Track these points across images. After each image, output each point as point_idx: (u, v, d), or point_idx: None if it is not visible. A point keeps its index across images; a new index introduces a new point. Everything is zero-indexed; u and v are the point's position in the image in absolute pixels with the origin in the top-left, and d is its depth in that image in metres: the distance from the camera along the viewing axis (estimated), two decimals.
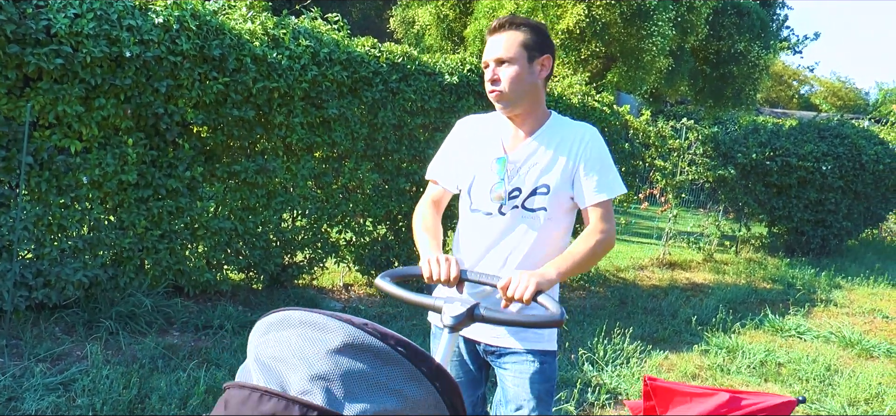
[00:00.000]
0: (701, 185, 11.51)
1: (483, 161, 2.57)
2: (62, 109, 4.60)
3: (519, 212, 2.51)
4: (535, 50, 2.47)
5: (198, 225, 5.56)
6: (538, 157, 2.52)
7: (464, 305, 2.10)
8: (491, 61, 2.47)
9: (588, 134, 2.55)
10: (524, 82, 2.47)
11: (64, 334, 4.82)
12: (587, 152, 2.50)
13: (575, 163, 2.50)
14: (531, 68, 2.48)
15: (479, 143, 2.62)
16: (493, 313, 2.11)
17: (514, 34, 2.45)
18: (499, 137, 2.59)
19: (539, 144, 2.53)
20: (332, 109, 5.97)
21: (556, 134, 2.55)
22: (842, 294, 9.32)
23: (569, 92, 8.28)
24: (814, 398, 5.37)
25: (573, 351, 5.74)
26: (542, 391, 2.50)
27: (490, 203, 2.53)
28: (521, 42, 2.45)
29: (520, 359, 2.52)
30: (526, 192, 2.51)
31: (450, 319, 2.08)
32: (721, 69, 18.56)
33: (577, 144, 2.52)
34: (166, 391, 4.09)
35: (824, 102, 40.23)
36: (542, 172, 2.50)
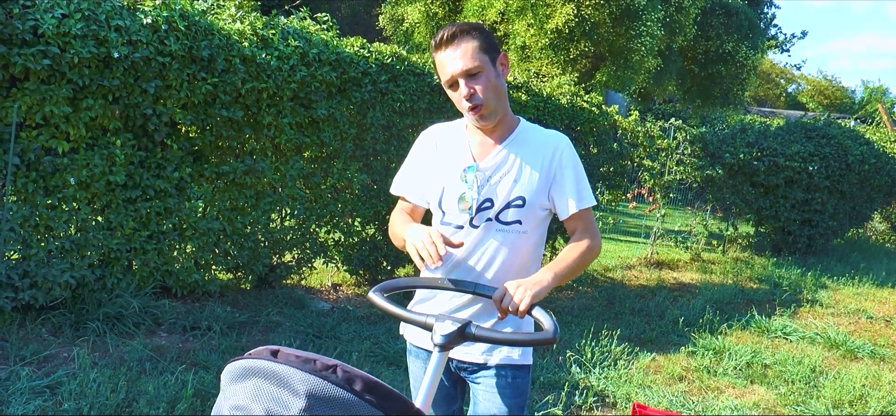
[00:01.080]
0: (689, 184, 11.54)
1: (452, 171, 2.46)
2: (49, 109, 4.58)
3: (492, 225, 2.42)
4: (492, 50, 2.37)
5: (186, 226, 5.55)
6: (510, 166, 2.43)
7: (454, 324, 2.06)
8: (459, 77, 2.32)
9: (563, 143, 2.47)
10: (498, 88, 2.36)
11: (51, 336, 4.80)
12: (564, 162, 2.43)
13: (551, 173, 2.43)
14: (497, 71, 2.37)
15: (447, 152, 2.50)
16: (484, 331, 2.07)
17: (470, 42, 2.31)
18: (467, 145, 2.48)
19: (510, 153, 2.44)
20: (321, 110, 5.97)
21: (526, 142, 2.46)
22: (827, 294, 9.38)
23: (558, 92, 8.30)
24: (799, 400, 5.41)
25: (561, 353, 5.76)
26: (513, 406, 2.46)
27: (460, 215, 2.43)
28: (479, 47, 2.32)
29: (491, 374, 2.46)
30: (499, 205, 2.41)
31: (440, 337, 2.03)
32: (709, 69, 18.62)
33: (553, 153, 2.43)
34: (154, 395, 4.08)
35: (811, 100, 40.46)
36: (514, 183, 2.41)
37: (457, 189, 2.44)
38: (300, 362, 1.30)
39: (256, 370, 1.32)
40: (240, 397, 1.32)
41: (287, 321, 5.81)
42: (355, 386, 1.29)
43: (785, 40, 29.25)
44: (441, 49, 2.33)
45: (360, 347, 5.38)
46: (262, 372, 1.31)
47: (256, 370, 1.32)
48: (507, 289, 2.17)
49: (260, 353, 1.34)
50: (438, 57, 2.35)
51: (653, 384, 5.47)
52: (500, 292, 2.18)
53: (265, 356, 1.33)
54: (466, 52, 2.30)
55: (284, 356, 1.32)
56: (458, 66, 2.30)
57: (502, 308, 2.17)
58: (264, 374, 1.31)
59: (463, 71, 2.30)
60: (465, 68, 2.30)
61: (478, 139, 2.47)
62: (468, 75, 2.31)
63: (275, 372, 1.30)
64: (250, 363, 1.34)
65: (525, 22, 13.79)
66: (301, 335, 5.52)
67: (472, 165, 2.44)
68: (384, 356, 5.28)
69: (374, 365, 5.09)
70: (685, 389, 5.49)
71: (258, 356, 1.34)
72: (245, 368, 1.34)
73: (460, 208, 2.43)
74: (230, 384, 1.36)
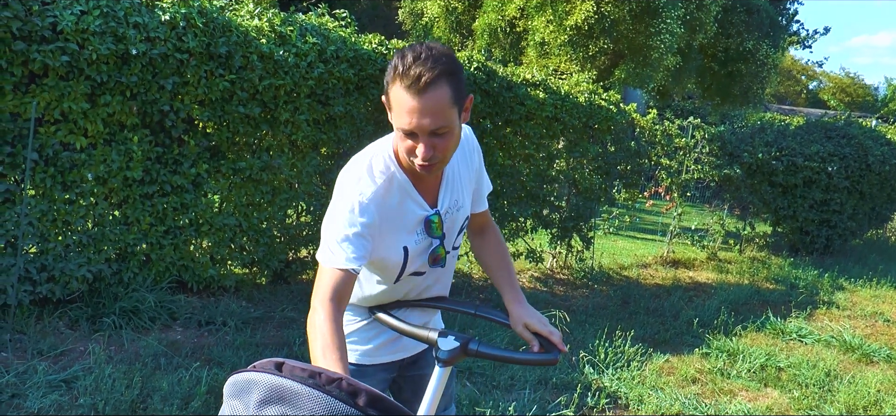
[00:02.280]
0: (707, 183, 11.49)
1: (411, 231, 2.18)
2: (68, 105, 4.63)
3: (451, 255, 2.33)
4: (461, 99, 2.00)
5: (202, 221, 5.59)
6: (453, 191, 2.25)
7: (458, 339, 2.09)
8: (421, 135, 1.94)
9: (472, 141, 2.32)
10: (457, 143, 2.06)
11: (67, 329, 4.86)
12: (478, 161, 2.35)
13: (476, 176, 2.36)
14: (460, 123, 2.03)
15: (395, 213, 2.13)
16: (488, 348, 2.08)
17: (443, 91, 1.90)
18: (410, 193, 2.15)
19: (449, 180, 2.23)
20: (339, 107, 5.99)
21: (454, 157, 2.24)
22: (844, 296, 9.32)
23: (576, 90, 8.28)
24: (812, 405, 5.38)
25: (574, 354, 5.76)
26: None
27: (428, 266, 2.26)
28: (449, 100, 1.92)
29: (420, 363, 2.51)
30: (452, 236, 2.31)
31: (444, 353, 2.06)
32: (729, 67, 18.49)
33: (471, 156, 2.32)
34: (168, 391, 4.13)
35: (833, 97, 40.12)
36: (463, 208, 2.29)
37: (423, 245, 2.22)
38: (305, 376, 1.32)
39: (260, 385, 1.34)
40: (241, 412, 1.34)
41: (302, 317, 5.84)
42: (359, 400, 1.30)
43: (807, 37, 28.97)
44: (409, 91, 1.89)
45: None
46: (266, 387, 1.33)
47: (260, 384, 1.34)
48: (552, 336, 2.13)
49: (264, 366, 1.35)
50: (402, 95, 1.90)
51: (665, 385, 5.46)
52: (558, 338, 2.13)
53: (269, 370, 1.34)
54: (437, 105, 1.90)
55: (289, 370, 1.33)
56: (426, 123, 1.91)
57: (560, 341, 2.13)
58: (268, 389, 1.32)
59: (429, 130, 1.93)
60: (433, 128, 1.93)
61: (415, 179, 2.15)
62: (433, 135, 1.95)
63: (279, 388, 1.31)
64: (254, 376, 1.35)
65: (544, 18, 13.74)
66: None
67: (434, 213, 2.20)
68: None
69: None
70: (698, 391, 5.48)
71: (263, 369, 1.35)
72: (248, 381, 1.36)
73: (430, 262, 2.25)
74: (232, 399, 1.37)
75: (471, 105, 2.08)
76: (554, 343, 2.12)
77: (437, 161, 2.00)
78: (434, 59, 1.89)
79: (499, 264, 2.39)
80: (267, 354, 4.98)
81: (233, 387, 1.38)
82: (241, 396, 1.36)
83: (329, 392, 1.29)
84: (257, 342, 5.21)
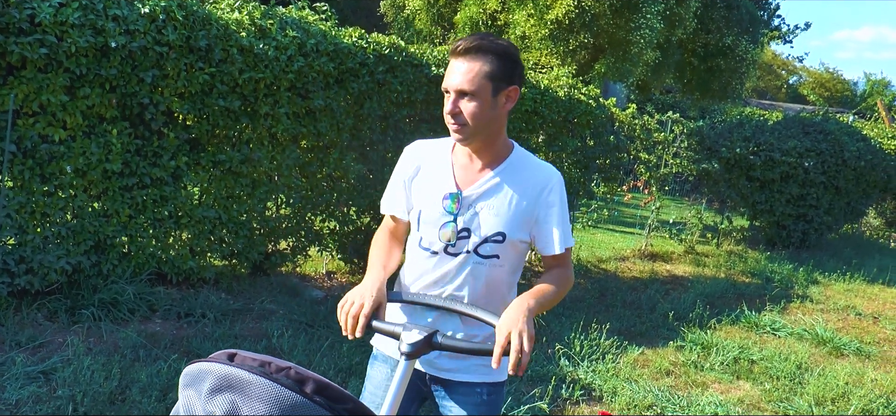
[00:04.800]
0: (685, 177, 11.61)
1: (433, 195, 2.39)
2: (46, 98, 4.63)
3: (470, 257, 2.36)
4: (502, 80, 2.24)
5: (182, 213, 5.61)
6: (494, 198, 2.35)
7: (422, 332, 2.10)
8: (452, 91, 2.24)
9: (553, 180, 2.39)
10: (486, 117, 2.26)
11: (46, 321, 4.88)
12: (551, 200, 2.37)
13: (537, 210, 2.37)
14: (495, 102, 2.26)
15: (430, 173, 2.43)
16: (451, 340, 2.12)
17: (481, 64, 2.21)
18: (451, 168, 2.39)
19: (495, 182, 2.36)
20: (319, 100, 6.02)
21: (516, 174, 2.38)
22: (818, 290, 9.46)
23: (555, 85, 8.34)
24: (783, 397, 5.49)
25: (550, 346, 5.83)
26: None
27: (438, 241, 2.37)
28: (486, 73, 2.21)
29: (468, 390, 2.42)
30: (478, 238, 2.35)
31: (407, 346, 2.06)
32: (708, 62, 18.61)
33: (542, 191, 2.37)
34: (147, 383, 4.16)
35: (812, 92, 40.42)
36: (497, 217, 2.34)
37: (437, 217, 2.38)
38: (255, 365, 1.37)
39: (212, 374, 1.39)
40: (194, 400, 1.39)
41: (281, 309, 5.88)
42: (306, 388, 1.35)
43: (788, 31, 29.20)
44: (452, 56, 2.27)
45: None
46: (217, 376, 1.38)
47: (212, 373, 1.39)
48: (508, 336, 2.07)
49: (217, 357, 1.41)
50: (450, 60, 2.28)
51: (640, 377, 5.55)
52: (503, 341, 2.07)
53: (222, 360, 1.40)
54: (471, 71, 2.21)
55: (240, 360, 1.38)
56: (455, 81, 2.23)
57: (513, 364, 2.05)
58: (219, 378, 1.37)
59: (457, 88, 2.23)
60: (460, 87, 2.22)
61: (463, 163, 2.40)
62: (460, 94, 2.24)
63: (229, 376, 1.37)
64: (206, 365, 1.40)
65: (525, 12, 13.80)
66: (294, 324, 5.59)
67: (455, 192, 2.36)
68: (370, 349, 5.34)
69: (365, 356, 5.15)
70: (671, 384, 5.57)
71: (215, 359, 1.41)
72: (200, 370, 1.41)
73: (440, 237, 2.38)
74: (186, 389, 1.43)
75: (516, 96, 2.33)
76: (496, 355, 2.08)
77: (462, 124, 2.26)
78: (480, 37, 2.25)
79: (540, 284, 2.37)
80: (246, 346, 5.02)
81: (187, 377, 1.43)
82: (194, 385, 1.41)
83: (277, 380, 1.34)
84: (236, 334, 5.25)
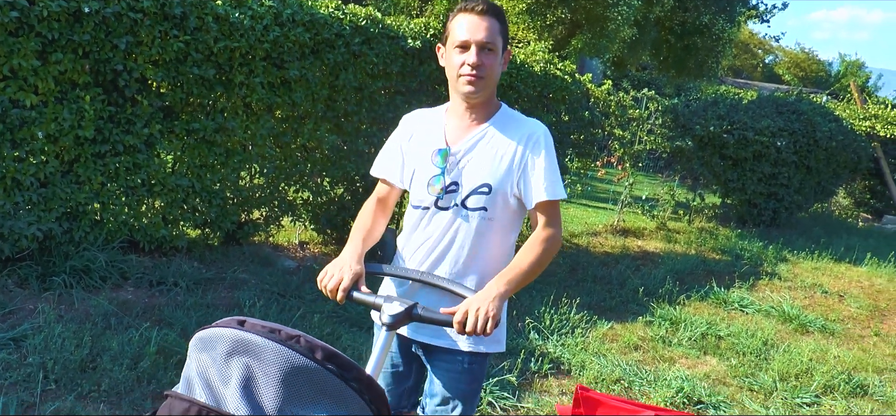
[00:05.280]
0: (659, 154, 11.69)
1: (425, 153, 2.55)
2: (17, 62, 4.59)
3: (458, 210, 2.48)
4: (505, 41, 2.51)
5: (155, 181, 5.59)
6: (481, 151, 2.49)
7: (402, 304, 2.19)
8: (474, 44, 2.42)
9: (539, 131, 2.51)
10: (497, 72, 2.49)
11: (17, 288, 4.86)
12: (537, 150, 2.47)
13: (523, 160, 2.47)
14: (501, 60, 2.50)
15: (423, 136, 2.59)
16: (430, 313, 2.22)
17: (497, 22, 2.45)
18: (442, 128, 2.56)
19: (483, 137, 2.50)
20: (294, 71, 6.00)
21: (503, 128, 2.51)
22: (787, 268, 9.60)
23: (531, 59, 8.36)
24: (748, 372, 5.59)
25: (520, 320, 5.90)
26: (468, 392, 2.56)
27: (427, 197, 2.51)
28: (500, 30, 2.46)
29: (450, 358, 2.55)
30: (465, 190, 2.47)
31: (388, 317, 2.16)
32: (685, 40, 18.70)
33: (527, 141, 2.48)
34: (118, 351, 4.17)
35: (787, 72, 40.72)
36: (482, 169, 2.46)
37: (428, 172, 2.53)
38: (266, 331, 1.42)
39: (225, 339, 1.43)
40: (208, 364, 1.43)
41: (253, 279, 5.90)
42: (317, 355, 1.41)
43: (765, 11, 29.34)
44: (469, 12, 2.43)
45: (324, 307, 5.48)
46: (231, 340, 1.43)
47: (226, 338, 1.43)
48: (467, 312, 2.20)
49: (228, 323, 1.46)
50: (464, 17, 2.44)
51: (608, 352, 5.63)
52: (460, 316, 2.20)
53: (233, 326, 1.45)
54: (492, 28, 2.42)
55: (251, 326, 1.44)
56: (481, 35, 2.40)
57: (467, 332, 2.20)
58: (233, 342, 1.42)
59: (482, 41, 2.40)
60: (485, 41, 2.41)
61: (455, 123, 2.56)
62: (483, 48, 2.41)
63: (244, 341, 1.41)
64: (219, 331, 1.45)
65: None
66: (266, 294, 5.61)
67: (445, 148, 2.52)
68: (347, 317, 5.39)
69: (336, 326, 5.20)
70: (639, 358, 5.66)
71: (227, 325, 1.46)
72: (213, 335, 1.45)
73: (429, 191, 2.52)
74: (200, 353, 1.46)
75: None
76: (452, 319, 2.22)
77: (482, 76, 2.42)
78: (491, 4, 2.45)
79: (516, 258, 2.44)
80: (218, 315, 5.04)
81: (200, 342, 1.48)
82: (207, 350, 1.45)
83: (290, 346, 1.40)
84: (208, 303, 5.26)
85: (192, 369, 1.46)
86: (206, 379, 1.41)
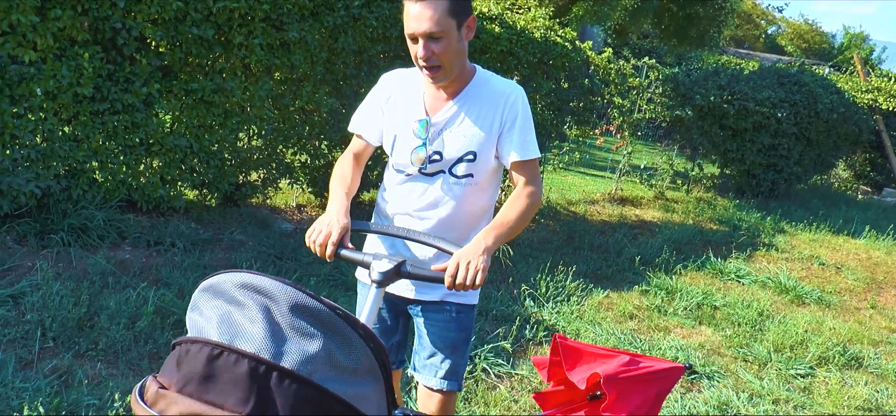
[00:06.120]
0: (658, 123, 11.67)
1: (405, 121, 2.56)
2: (16, 17, 4.57)
3: (444, 177, 2.53)
4: (462, 14, 2.37)
5: (153, 141, 5.58)
6: (462, 120, 2.52)
7: (391, 261, 2.22)
8: (420, 37, 2.34)
9: (513, 94, 2.54)
10: (456, 53, 2.40)
11: (15, 244, 4.87)
12: (513, 113, 2.51)
13: (501, 124, 2.51)
14: (460, 35, 2.39)
15: (403, 101, 2.59)
16: (419, 269, 2.26)
17: (440, 1, 2.31)
18: (421, 96, 2.56)
19: (462, 106, 2.52)
20: (293, 32, 5.97)
21: (479, 95, 2.53)
22: (784, 239, 9.62)
23: (532, 26, 8.32)
24: (743, 343, 5.62)
25: (515, 287, 5.92)
26: (458, 340, 2.64)
27: (411, 165, 2.55)
28: (447, 10, 2.32)
29: (438, 308, 2.63)
30: (450, 158, 2.51)
31: (377, 275, 2.19)
32: (687, 9, 18.54)
33: (503, 104, 2.51)
34: (115, 310, 4.19)
35: (790, 43, 40.52)
36: (465, 137, 2.50)
37: (409, 142, 2.54)
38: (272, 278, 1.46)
39: (236, 280, 1.48)
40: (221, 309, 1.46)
41: (250, 240, 5.91)
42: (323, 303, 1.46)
43: None
44: (414, 0, 2.32)
45: (320, 270, 5.50)
46: (241, 280, 1.47)
47: (236, 280, 1.48)
48: (458, 266, 2.22)
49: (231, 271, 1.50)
50: (407, 6, 2.34)
51: (603, 320, 5.66)
52: (452, 270, 2.22)
53: (238, 271, 1.49)
54: (435, 13, 2.30)
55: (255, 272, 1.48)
56: (423, 27, 2.31)
57: (457, 286, 2.22)
58: (243, 282, 1.46)
59: (425, 32, 2.32)
60: (429, 31, 2.32)
61: (432, 92, 2.55)
62: (430, 38, 2.33)
63: (254, 281, 1.46)
64: (227, 275, 1.50)
65: None
66: (263, 256, 5.62)
67: (425, 118, 2.53)
68: (343, 281, 5.41)
69: (332, 290, 5.23)
70: (634, 327, 5.69)
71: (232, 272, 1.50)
72: (221, 281, 1.50)
73: (412, 160, 2.54)
74: (213, 299, 1.50)
75: (474, 25, 2.46)
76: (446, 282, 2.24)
77: (436, 64, 2.38)
78: None
79: (500, 213, 2.48)
80: None
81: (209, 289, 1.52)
82: (218, 296, 1.49)
83: (298, 288, 1.45)
84: (205, 264, 5.27)
85: (204, 315, 1.48)
86: (224, 319, 1.43)
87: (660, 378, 2.48)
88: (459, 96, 2.53)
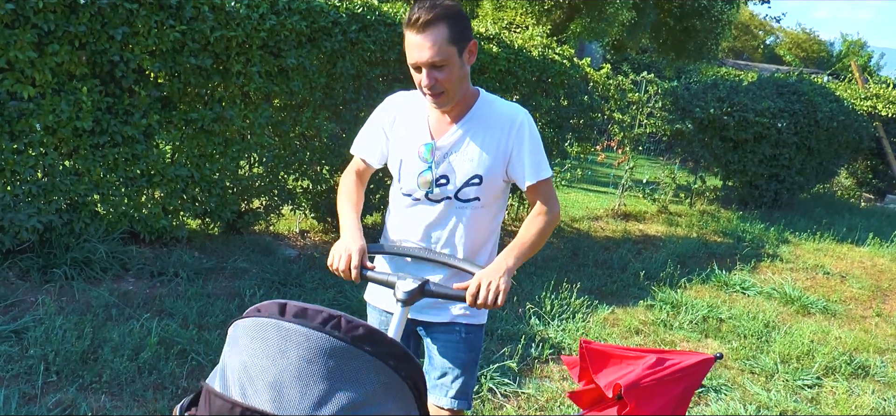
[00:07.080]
0: (659, 137, 11.67)
1: (410, 145, 2.59)
2: (14, 54, 4.59)
3: (452, 203, 2.56)
4: (462, 40, 2.41)
5: (154, 172, 5.59)
6: (467, 144, 2.54)
7: (415, 280, 2.28)
8: (423, 66, 2.39)
9: (519, 118, 2.55)
10: (459, 79, 2.44)
11: (18, 280, 4.87)
12: (519, 138, 2.53)
13: (507, 150, 2.53)
14: (462, 61, 2.43)
15: (407, 125, 2.62)
16: (443, 288, 2.31)
17: (440, 30, 2.34)
18: (425, 119, 2.59)
19: (467, 130, 2.55)
20: (291, 59, 5.99)
21: (483, 119, 2.55)
22: (788, 249, 9.59)
23: (529, 44, 8.34)
24: (749, 355, 5.60)
25: (521, 305, 5.90)
26: (467, 360, 2.67)
27: (418, 189, 2.57)
28: (448, 38, 2.36)
29: (447, 329, 2.65)
30: (457, 182, 2.54)
31: (402, 294, 2.25)
32: (684, 23, 18.63)
33: (509, 129, 2.53)
34: (119, 342, 4.18)
35: (788, 53, 40.59)
36: (471, 161, 2.53)
37: (415, 166, 2.57)
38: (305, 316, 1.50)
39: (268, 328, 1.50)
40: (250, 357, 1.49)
41: (254, 268, 5.90)
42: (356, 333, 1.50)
43: None
44: (411, 30, 2.36)
45: (324, 296, 5.49)
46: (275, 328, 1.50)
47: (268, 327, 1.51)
48: (480, 284, 2.29)
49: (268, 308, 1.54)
50: (408, 36, 2.38)
51: (609, 336, 5.64)
52: (473, 289, 2.29)
53: (275, 314, 1.52)
54: (436, 43, 2.34)
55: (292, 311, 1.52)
56: (425, 56, 2.36)
57: (478, 305, 2.29)
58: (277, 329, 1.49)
59: (428, 62, 2.37)
60: (430, 60, 2.36)
61: (436, 115, 2.58)
62: (433, 67, 2.38)
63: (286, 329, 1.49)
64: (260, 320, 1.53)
65: None
66: (267, 283, 5.62)
67: (430, 142, 2.56)
68: (347, 305, 5.40)
69: None
70: (640, 342, 5.67)
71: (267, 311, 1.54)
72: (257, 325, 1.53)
73: (419, 184, 2.57)
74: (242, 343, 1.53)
75: (476, 49, 2.50)
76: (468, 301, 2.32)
77: (440, 92, 2.42)
78: (431, 6, 2.34)
79: (519, 234, 2.54)
80: (219, 305, 5.05)
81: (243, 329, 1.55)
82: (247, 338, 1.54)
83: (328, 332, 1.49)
84: (209, 293, 5.27)
85: (235, 359, 1.49)
86: (249, 372, 1.46)
87: (687, 374, 2.51)
88: (464, 120, 2.56)
